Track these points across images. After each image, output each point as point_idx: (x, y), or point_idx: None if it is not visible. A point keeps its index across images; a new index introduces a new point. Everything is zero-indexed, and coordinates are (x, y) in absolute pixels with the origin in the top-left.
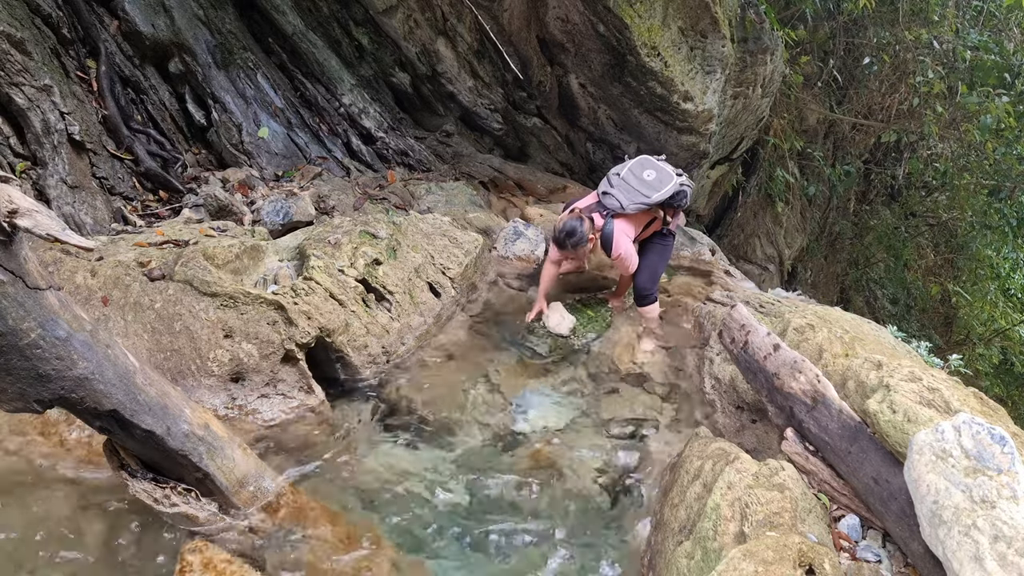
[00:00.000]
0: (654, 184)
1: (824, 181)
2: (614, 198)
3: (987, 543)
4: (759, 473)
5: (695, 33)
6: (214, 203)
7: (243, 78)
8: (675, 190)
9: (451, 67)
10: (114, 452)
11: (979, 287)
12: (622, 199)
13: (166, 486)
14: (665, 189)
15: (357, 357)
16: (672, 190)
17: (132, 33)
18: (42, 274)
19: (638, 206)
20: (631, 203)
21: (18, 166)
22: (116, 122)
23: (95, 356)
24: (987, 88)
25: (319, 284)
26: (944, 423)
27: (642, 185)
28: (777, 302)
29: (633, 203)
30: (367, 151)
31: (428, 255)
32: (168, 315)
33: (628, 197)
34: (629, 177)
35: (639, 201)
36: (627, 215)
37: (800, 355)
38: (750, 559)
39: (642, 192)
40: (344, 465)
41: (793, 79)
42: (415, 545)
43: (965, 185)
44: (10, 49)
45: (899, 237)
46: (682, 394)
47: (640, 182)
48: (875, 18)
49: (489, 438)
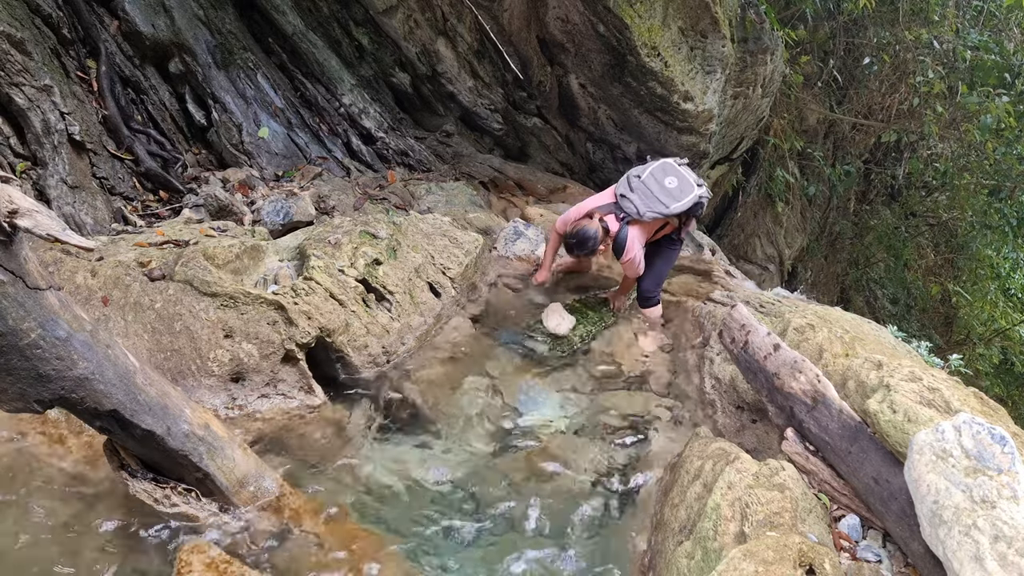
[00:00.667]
0: (675, 193)
1: (824, 181)
2: (632, 203)
3: (987, 543)
4: (759, 473)
5: (695, 33)
6: (214, 203)
7: (243, 78)
8: (695, 201)
9: (451, 67)
10: (114, 452)
11: (979, 287)
12: (640, 205)
13: (166, 486)
14: (686, 200)
15: (357, 357)
16: (692, 201)
17: (132, 33)
18: (42, 274)
19: (655, 215)
20: (649, 211)
21: (18, 166)
22: (116, 122)
23: (95, 356)
24: (987, 88)
25: (319, 284)
26: (944, 423)
27: (663, 193)
28: (777, 302)
29: (651, 211)
30: (367, 151)
31: (428, 255)
32: (168, 315)
33: (646, 204)
34: (650, 182)
35: (657, 210)
36: (642, 222)
37: (800, 355)
38: (750, 559)
39: (662, 200)
40: (344, 465)
41: (793, 79)
42: (415, 545)
43: (965, 185)
44: (10, 49)
45: (899, 237)
46: (682, 394)
47: (661, 189)
48: (875, 18)
49: (489, 438)
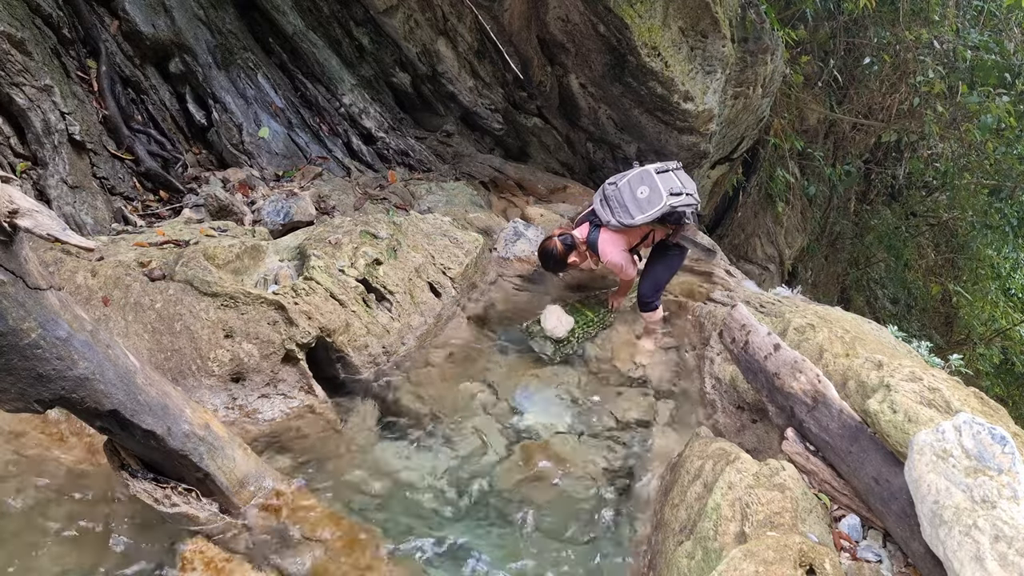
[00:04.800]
0: (642, 204)
1: (824, 181)
2: (602, 211)
3: (988, 543)
4: (760, 473)
5: (695, 33)
6: (214, 203)
7: (243, 78)
8: (662, 212)
9: (451, 67)
10: (115, 452)
11: (980, 287)
12: (608, 215)
13: (167, 486)
14: (651, 211)
15: (357, 357)
16: (658, 212)
17: (132, 33)
18: (43, 274)
19: (618, 224)
20: (615, 220)
21: (18, 166)
22: (116, 122)
23: (95, 356)
24: (987, 88)
25: (319, 284)
26: (945, 423)
27: (632, 202)
28: (778, 302)
29: (617, 221)
30: (367, 151)
31: (429, 255)
32: (168, 315)
33: (615, 214)
34: (624, 190)
35: (622, 220)
36: (611, 228)
37: (801, 355)
38: (751, 559)
39: (629, 211)
40: (344, 465)
41: (793, 79)
42: (414, 545)
43: (965, 185)
44: (10, 49)
45: (899, 237)
46: (682, 394)
47: (632, 198)
48: (875, 18)
49: (488, 438)
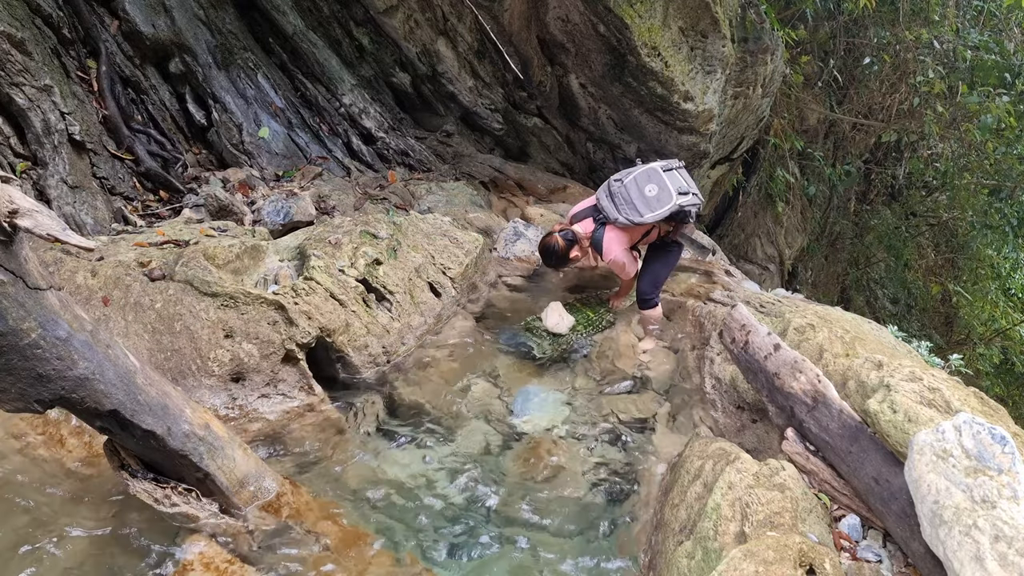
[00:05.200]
0: (651, 202)
1: (824, 181)
2: (608, 208)
3: (988, 543)
4: (760, 473)
5: (695, 33)
6: (214, 203)
7: (243, 78)
8: (671, 211)
9: (451, 67)
10: (115, 452)
11: (980, 287)
12: (614, 211)
13: (167, 486)
14: (662, 210)
15: (357, 357)
16: (668, 211)
17: (132, 33)
18: (43, 274)
19: (627, 222)
20: (623, 218)
21: (18, 166)
22: (116, 122)
23: (95, 356)
24: (987, 88)
25: (319, 284)
26: (945, 423)
27: (640, 200)
28: (778, 302)
29: (625, 218)
30: (367, 151)
31: (429, 255)
32: (168, 315)
33: (622, 210)
34: (631, 187)
35: (630, 217)
36: (618, 225)
37: (801, 355)
38: (751, 559)
39: (638, 208)
40: (344, 465)
41: (793, 79)
42: (414, 545)
43: (965, 185)
44: (10, 49)
45: (899, 237)
46: (682, 394)
47: (640, 196)
48: (875, 18)
49: (488, 438)
